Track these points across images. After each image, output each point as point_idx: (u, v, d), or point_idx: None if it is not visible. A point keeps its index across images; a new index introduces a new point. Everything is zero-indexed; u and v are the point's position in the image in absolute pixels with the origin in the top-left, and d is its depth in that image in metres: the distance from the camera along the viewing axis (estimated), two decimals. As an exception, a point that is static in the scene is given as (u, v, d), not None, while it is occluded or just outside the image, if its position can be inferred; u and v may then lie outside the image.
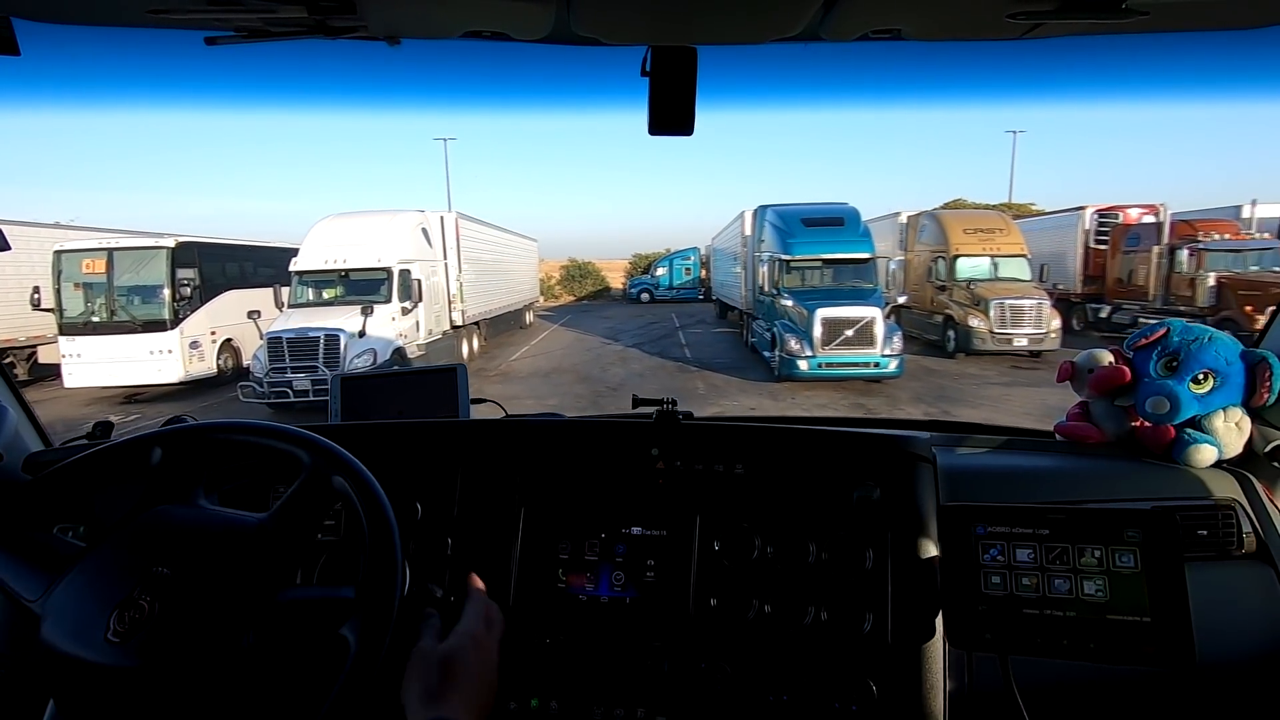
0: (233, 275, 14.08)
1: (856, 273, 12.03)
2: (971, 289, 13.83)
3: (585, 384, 12.09)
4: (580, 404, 10.41)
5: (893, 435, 1.30)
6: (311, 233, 12.33)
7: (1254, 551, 1.29)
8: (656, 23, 1.00)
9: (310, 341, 10.34)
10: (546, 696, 1.17)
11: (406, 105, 1.59)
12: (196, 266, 12.89)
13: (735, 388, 11.45)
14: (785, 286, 12.14)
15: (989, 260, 14.42)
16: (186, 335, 12.42)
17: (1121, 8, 0.85)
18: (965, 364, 13.18)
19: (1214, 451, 1.38)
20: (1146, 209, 16.06)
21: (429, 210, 14.06)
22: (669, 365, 14.01)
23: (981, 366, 12.82)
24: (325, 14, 0.89)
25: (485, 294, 16.48)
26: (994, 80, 1.29)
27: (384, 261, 11.68)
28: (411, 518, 1.28)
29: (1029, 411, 9.15)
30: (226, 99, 1.47)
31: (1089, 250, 17.18)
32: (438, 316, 13.61)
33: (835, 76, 1.29)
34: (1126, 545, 1.01)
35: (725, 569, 1.21)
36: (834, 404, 10.13)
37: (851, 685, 1.12)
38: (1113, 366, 1.50)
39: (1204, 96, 1.34)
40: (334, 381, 1.83)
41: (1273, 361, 1.36)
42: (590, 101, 1.40)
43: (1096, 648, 0.99)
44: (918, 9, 0.94)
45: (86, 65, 1.19)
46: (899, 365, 10.85)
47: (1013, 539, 1.07)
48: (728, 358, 14.63)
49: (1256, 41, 1.04)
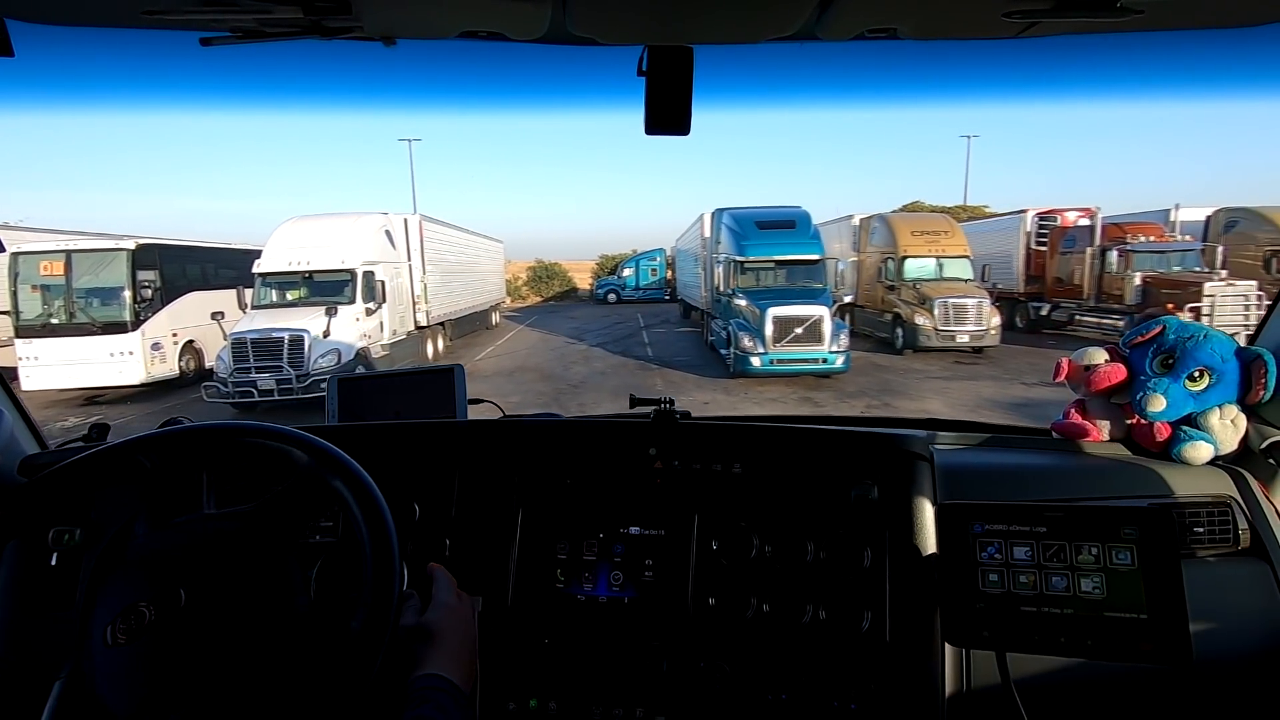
0: (194, 277, 14.09)
1: (807, 273, 12.59)
2: (918, 288, 14.51)
3: (547, 382, 12.43)
4: (542, 400, 10.75)
5: (890, 434, 1.31)
6: (275, 235, 12.46)
7: (1250, 548, 1.30)
8: (653, 22, 0.99)
9: (275, 342, 10.51)
10: (545, 697, 1.18)
11: (398, 106, 1.57)
12: (158, 268, 12.90)
13: (692, 384, 11.92)
14: (740, 286, 12.65)
15: (935, 261, 15.14)
16: (148, 337, 12.45)
17: (1117, 6, 0.85)
18: (912, 360, 13.85)
19: (1210, 449, 1.39)
20: (1083, 212, 16.94)
21: (392, 213, 14.27)
22: (630, 363, 14.41)
23: (926, 362, 13.50)
24: (321, 14, 0.89)
25: (449, 295, 16.71)
26: (990, 80, 1.28)
27: (348, 263, 11.88)
28: (409, 519, 1.28)
29: (963, 402, 9.77)
30: (210, 100, 1.45)
31: (1030, 251, 18.06)
32: (402, 317, 13.82)
33: (828, 76, 1.28)
34: (1123, 543, 1.01)
35: (723, 568, 1.22)
36: (784, 398, 10.64)
37: (850, 684, 1.13)
38: (1109, 364, 1.51)
39: (1196, 95, 1.32)
40: (331, 382, 1.84)
41: (1268, 359, 1.37)
42: (582, 102, 1.40)
43: (1094, 645, 0.99)
44: (914, 8, 0.93)
45: (76, 66, 1.17)
46: (845, 361, 11.43)
47: (1010, 537, 1.06)
48: (688, 356, 15.10)
49: (1250, 40, 1.03)
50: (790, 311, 11.38)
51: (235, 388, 10.36)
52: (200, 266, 14.47)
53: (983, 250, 17.88)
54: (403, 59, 1.07)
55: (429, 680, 0.79)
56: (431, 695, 0.77)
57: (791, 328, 11.28)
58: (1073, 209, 17.36)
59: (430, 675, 0.80)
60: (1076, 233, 16.57)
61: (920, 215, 19.14)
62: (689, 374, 12.84)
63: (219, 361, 10.83)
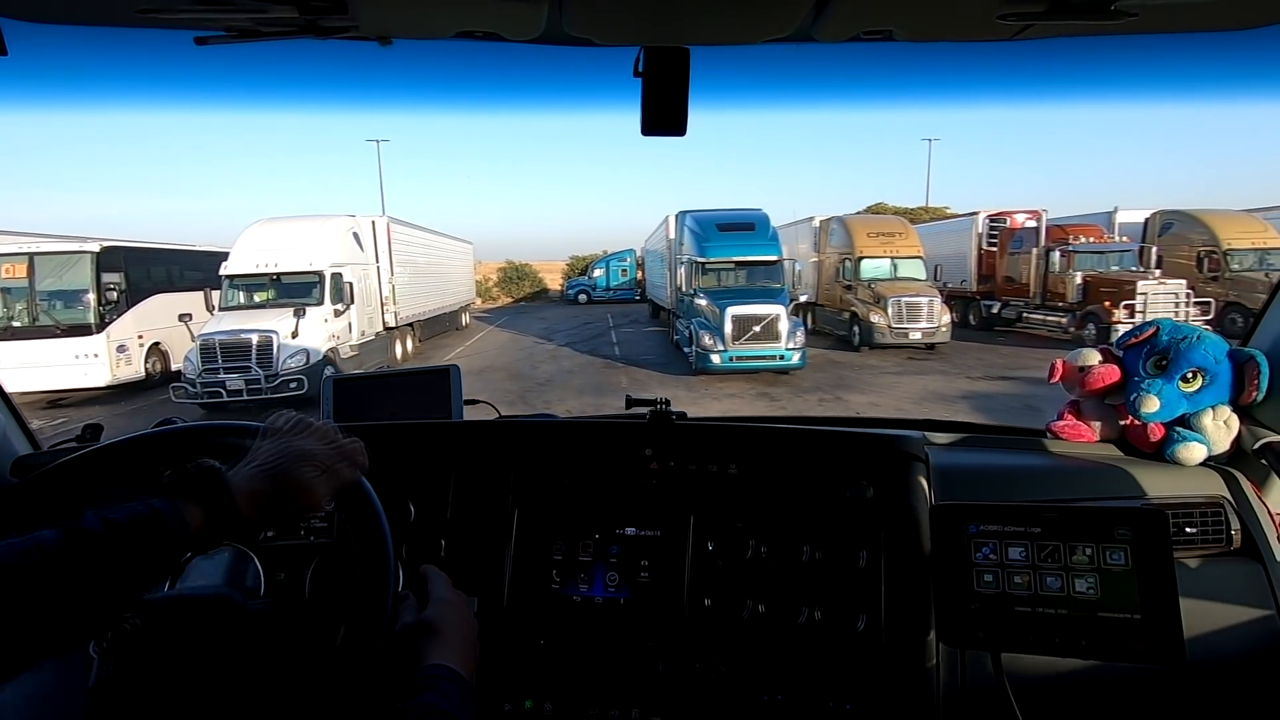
0: (159, 279, 14.10)
1: (766, 274, 13.09)
2: (873, 288, 15.12)
3: (515, 381, 12.73)
4: (509, 398, 11.04)
5: (886, 435, 1.31)
6: (242, 237, 12.58)
7: (1242, 548, 1.31)
8: (649, 23, 1.00)
9: (243, 342, 10.67)
10: (541, 698, 1.18)
11: (388, 107, 1.55)
12: (122, 271, 12.90)
13: (656, 381, 12.32)
14: (701, 287, 13.12)
15: (890, 262, 15.79)
16: (113, 339, 12.45)
17: (1111, 9, 0.86)
18: (867, 356, 14.43)
19: (1203, 449, 1.40)
20: (1030, 214, 17.73)
21: (360, 215, 14.45)
22: (598, 362, 14.77)
23: (881, 358, 14.08)
24: (316, 14, 0.88)
25: (418, 296, 16.91)
26: (985, 81, 1.29)
27: (316, 265, 12.05)
28: (404, 520, 1.28)
29: (909, 396, 10.32)
30: (196, 99, 1.44)
31: (982, 252, 18.88)
32: (370, 318, 14.01)
33: (824, 77, 1.28)
34: (1117, 543, 1.01)
35: (719, 569, 1.23)
36: (742, 394, 11.09)
37: (845, 684, 1.13)
38: (1103, 366, 1.52)
39: (1183, 98, 1.32)
40: (326, 382, 1.84)
41: (1260, 360, 1.38)
42: (575, 102, 1.40)
43: (1088, 645, 1.00)
44: (909, 10, 0.94)
45: (66, 65, 1.17)
46: (801, 358, 11.93)
47: (1004, 537, 1.06)
48: (654, 354, 15.50)
49: (1243, 43, 1.03)
50: (748, 310, 11.84)
51: (204, 388, 10.49)
52: (165, 269, 14.47)
53: (939, 251, 18.68)
54: (395, 59, 1.05)
55: (432, 669, 0.80)
56: (434, 683, 0.78)
57: (750, 326, 11.75)
58: (1021, 211, 18.15)
59: (433, 665, 0.81)
60: (1024, 234, 17.37)
61: (876, 217, 19.86)
62: (654, 372, 13.25)
63: (187, 362, 10.94)
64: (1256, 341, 1.49)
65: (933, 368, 12.90)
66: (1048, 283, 16.20)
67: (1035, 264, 16.49)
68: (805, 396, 10.81)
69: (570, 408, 10.20)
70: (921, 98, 1.48)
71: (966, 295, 18.98)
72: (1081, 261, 15.43)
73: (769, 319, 11.76)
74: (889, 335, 14.46)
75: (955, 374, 12.17)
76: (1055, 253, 15.95)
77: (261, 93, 1.36)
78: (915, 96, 1.46)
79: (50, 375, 12.01)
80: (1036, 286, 16.51)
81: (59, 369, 12.01)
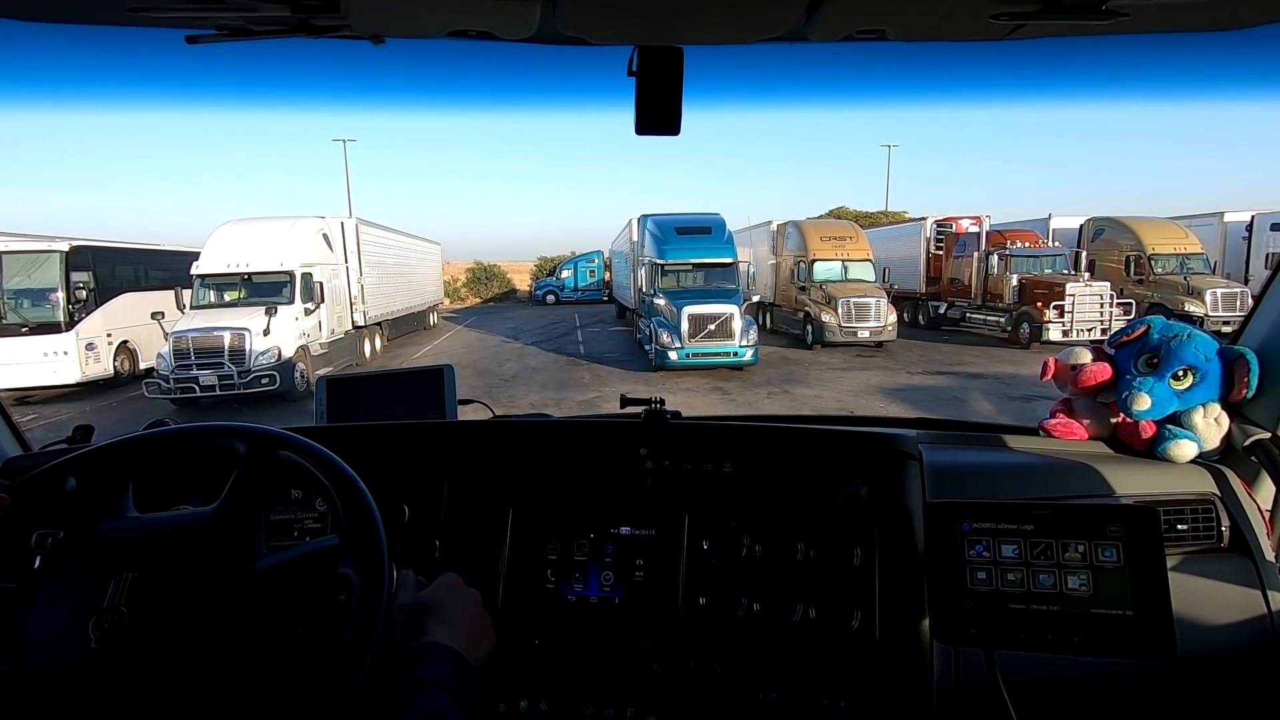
0: (127, 279, 14.28)
1: (721, 275, 13.84)
2: (825, 289, 15.93)
3: (481, 377, 13.21)
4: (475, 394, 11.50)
5: (880, 433, 1.32)
6: (213, 237, 12.87)
7: (1231, 545, 1.32)
8: (643, 22, 1.00)
9: (217, 339, 11.01)
10: (536, 697, 1.18)
11: (380, 106, 1.55)
12: (91, 270, 13.09)
13: (616, 377, 12.95)
14: (661, 287, 13.79)
15: (841, 264, 16.63)
16: (82, 337, 12.63)
17: (1102, 9, 0.86)
18: (819, 354, 15.24)
19: (1194, 447, 1.41)
20: (974, 219, 18.74)
21: (329, 216, 14.81)
22: (562, 360, 15.34)
23: (831, 356, 14.90)
24: (308, 13, 0.88)
25: (387, 296, 17.28)
26: (980, 80, 1.29)
27: (286, 265, 12.41)
28: (399, 520, 1.28)
29: (851, 389, 11.12)
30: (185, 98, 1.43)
31: (930, 256, 19.91)
32: (339, 317, 14.38)
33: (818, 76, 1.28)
34: (1109, 540, 1.01)
35: (714, 568, 1.23)
36: (698, 388, 11.77)
37: (840, 682, 1.14)
38: (1094, 364, 1.53)
39: (1173, 98, 1.33)
40: (320, 383, 1.84)
41: (1250, 358, 1.38)
42: (569, 102, 1.40)
43: (1080, 642, 1.00)
44: (902, 10, 0.94)
45: (55, 64, 1.16)
46: (754, 355, 12.68)
47: (998, 535, 1.06)
48: (617, 353, 16.12)
49: (1235, 43, 1.04)
50: (704, 310, 12.55)
51: (177, 384, 10.79)
52: (133, 268, 14.64)
53: (892, 254, 19.70)
54: (383, 57, 1.04)
55: (427, 645, 0.81)
56: (428, 659, 0.78)
57: (705, 324, 12.46)
58: (966, 217, 19.15)
59: (428, 641, 0.81)
60: (967, 239, 18.39)
61: (830, 222, 20.73)
62: (615, 368, 13.89)
63: (160, 360, 11.22)
64: (1246, 340, 1.50)
65: (877, 364, 13.74)
66: (988, 285, 17.24)
67: (976, 267, 17.52)
68: (755, 390, 11.52)
69: (533, 401, 10.77)
70: (913, 100, 1.50)
71: (914, 296, 20.00)
72: (1018, 265, 16.49)
73: (723, 318, 12.48)
74: (839, 334, 15.26)
75: (897, 369, 13.01)
76: (994, 256, 17.00)
77: (242, 91, 1.36)
78: (913, 97, 1.47)
79: (18, 373, 12.14)
80: (978, 288, 17.54)
81: (28, 366, 12.17)
